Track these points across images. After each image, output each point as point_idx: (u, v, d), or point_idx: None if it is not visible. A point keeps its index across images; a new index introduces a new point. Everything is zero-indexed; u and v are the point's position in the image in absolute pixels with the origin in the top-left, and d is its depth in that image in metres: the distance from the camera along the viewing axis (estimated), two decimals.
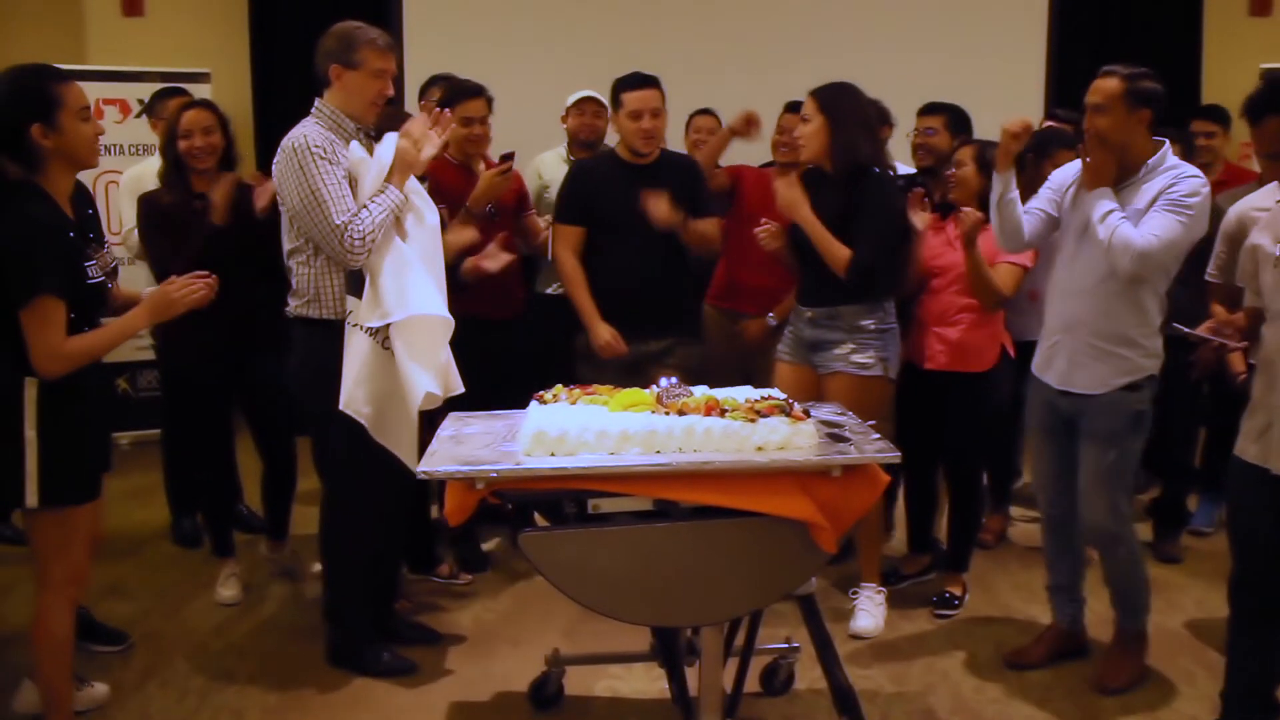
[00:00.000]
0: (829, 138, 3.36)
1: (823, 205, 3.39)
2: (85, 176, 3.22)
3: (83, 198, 2.72)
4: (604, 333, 3.68)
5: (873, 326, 3.42)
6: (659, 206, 3.55)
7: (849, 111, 3.38)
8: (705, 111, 4.84)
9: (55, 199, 2.54)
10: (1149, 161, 2.93)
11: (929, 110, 4.11)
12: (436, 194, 3.74)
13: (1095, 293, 2.97)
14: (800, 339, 3.52)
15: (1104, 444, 3.01)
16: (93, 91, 5.68)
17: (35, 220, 2.46)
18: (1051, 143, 3.76)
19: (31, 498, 2.52)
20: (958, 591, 3.73)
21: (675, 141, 4.61)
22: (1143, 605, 3.17)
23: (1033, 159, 3.85)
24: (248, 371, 3.62)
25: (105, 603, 3.63)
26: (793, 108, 3.86)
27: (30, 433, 2.51)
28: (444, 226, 3.53)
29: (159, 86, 4.94)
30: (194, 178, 3.52)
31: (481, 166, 3.96)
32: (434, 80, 4.44)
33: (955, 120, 4.04)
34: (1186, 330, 2.89)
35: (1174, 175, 2.89)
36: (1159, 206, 2.87)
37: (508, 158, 3.77)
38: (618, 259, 3.68)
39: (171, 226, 3.47)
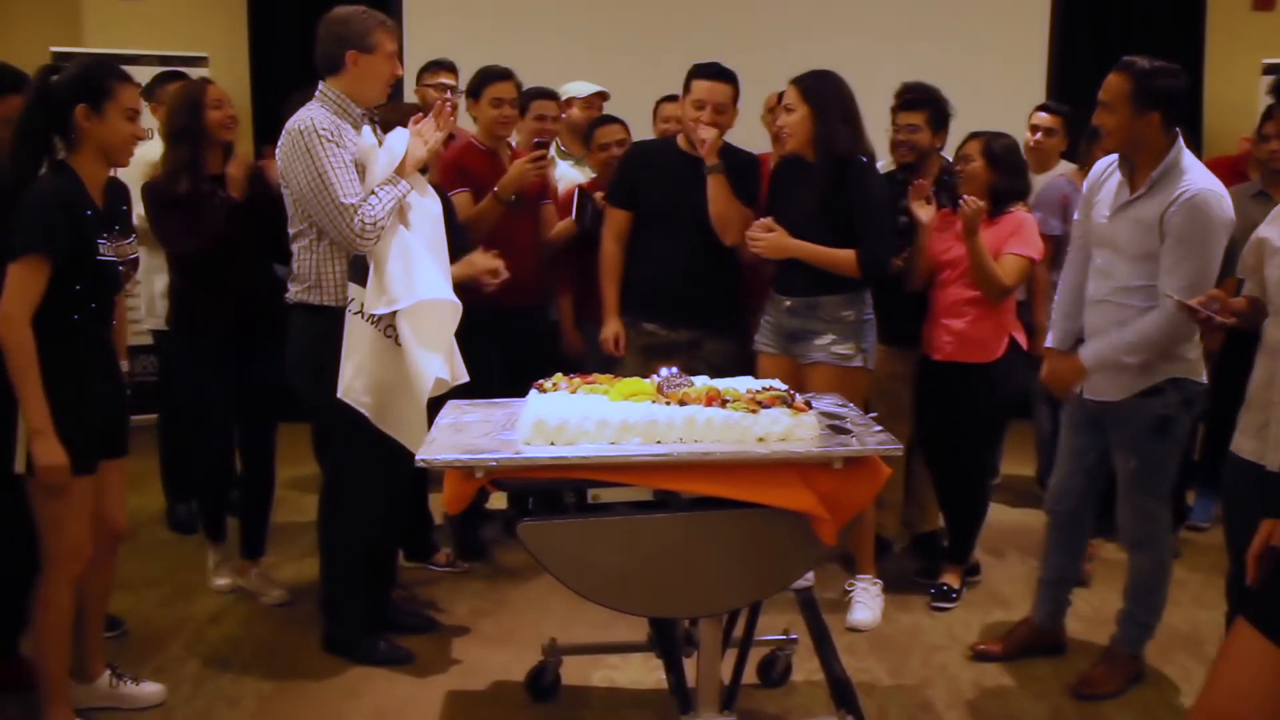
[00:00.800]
0: (813, 127, 3.34)
1: (806, 195, 3.38)
2: None
3: (119, 193, 2.78)
4: (612, 328, 3.68)
5: (852, 317, 3.43)
6: (707, 131, 3.50)
7: (833, 100, 3.36)
8: (674, 98, 4.63)
9: (83, 181, 2.60)
10: (1152, 175, 2.83)
11: (909, 106, 3.97)
12: (462, 177, 3.75)
13: (1109, 302, 2.93)
14: (779, 329, 3.51)
15: (1127, 451, 2.96)
16: None
17: (51, 188, 2.55)
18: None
19: (20, 462, 2.54)
20: (955, 584, 3.73)
21: (644, 128, 4.61)
22: (1148, 628, 3.10)
23: (1085, 147, 3.84)
24: (249, 361, 3.55)
25: None
26: None
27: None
28: (454, 211, 3.53)
29: (156, 70, 4.90)
30: (210, 154, 3.41)
31: (508, 153, 3.97)
32: (431, 65, 4.41)
33: (936, 116, 3.97)
34: (1175, 298, 2.84)
35: (1177, 199, 2.77)
36: (1169, 248, 2.77)
37: (540, 145, 3.79)
38: (661, 248, 3.66)
39: (192, 212, 3.36)
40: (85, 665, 2.87)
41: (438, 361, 2.95)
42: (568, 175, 4.54)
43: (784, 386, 2.60)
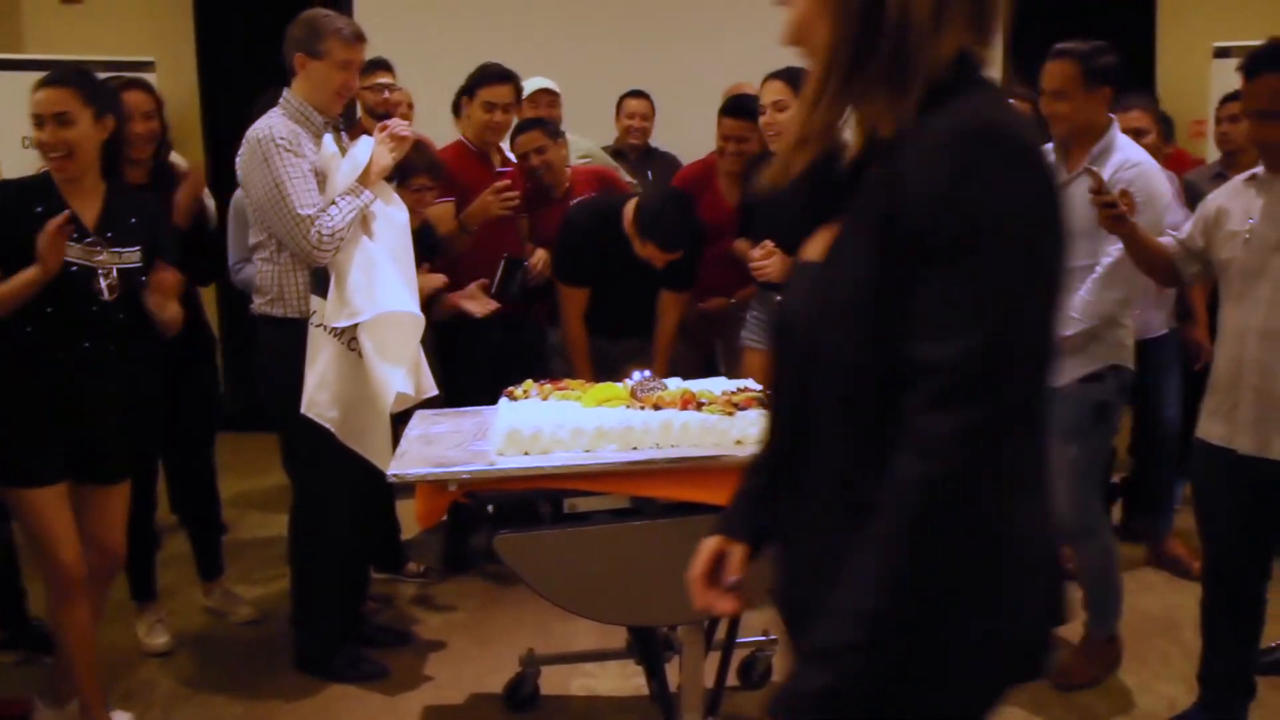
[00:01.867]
0: None
1: (795, 194, 3.34)
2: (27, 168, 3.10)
3: (126, 204, 2.70)
4: None
5: None
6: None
7: None
8: (638, 94, 4.61)
9: (55, 185, 2.60)
10: (1092, 151, 2.87)
11: (740, 113, 3.76)
12: (449, 183, 3.65)
13: None
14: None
15: (1065, 438, 2.85)
16: (30, 82, 5.54)
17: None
18: None
19: None
20: None
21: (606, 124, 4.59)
22: (1113, 609, 3.05)
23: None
24: (181, 378, 3.34)
25: None
26: (733, 110, 3.73)
27: None
28: (437, 219, 3.47)
29: (103, 76, 4.76)
30: (126, 169, 3.17)
31: (498, 156, 3.87)
32: (367, 64, 4.30)
33: None
34: (1089, 168, 2.82)
35: (1121, 167, 2.81)
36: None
37: (504, 174, 3.72)
38: (610, 296, 3.65)
39: None
40: (59, 688, 2.78)
41: (400, 375, 2.88)
42: None
43: (759, 387, 2.57)
